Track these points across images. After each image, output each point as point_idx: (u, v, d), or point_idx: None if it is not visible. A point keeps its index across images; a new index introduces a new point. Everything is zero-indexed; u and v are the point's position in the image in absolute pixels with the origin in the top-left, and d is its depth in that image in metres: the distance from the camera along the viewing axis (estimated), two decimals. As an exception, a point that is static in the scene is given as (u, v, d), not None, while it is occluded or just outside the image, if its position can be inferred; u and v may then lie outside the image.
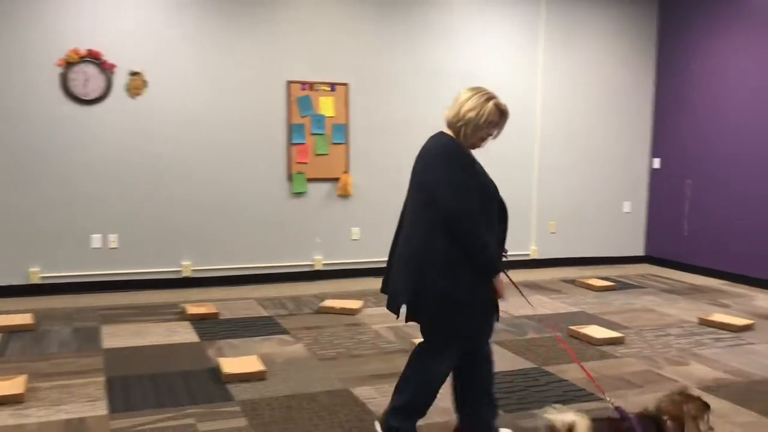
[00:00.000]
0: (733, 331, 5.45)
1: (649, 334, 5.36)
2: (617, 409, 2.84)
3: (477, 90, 3.04)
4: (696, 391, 2.95)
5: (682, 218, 8.12)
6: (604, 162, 8.35)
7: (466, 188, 2.92)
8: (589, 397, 3.99)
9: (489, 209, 3.01)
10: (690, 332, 5.42)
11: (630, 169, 8.49)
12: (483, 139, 3.08)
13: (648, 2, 8.34)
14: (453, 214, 2.88)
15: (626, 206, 8.52)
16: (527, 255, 8.06)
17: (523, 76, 7.84)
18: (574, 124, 8.16)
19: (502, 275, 3.01)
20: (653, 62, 8.43)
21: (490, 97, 3.01)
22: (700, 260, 7.86)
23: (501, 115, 3.04)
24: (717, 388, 4.16)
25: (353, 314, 5.80)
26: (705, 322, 5.66)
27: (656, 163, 8.47)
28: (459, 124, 3.01)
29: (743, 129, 7.33)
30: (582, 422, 2.62)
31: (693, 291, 7.01)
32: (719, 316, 5.72)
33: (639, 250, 8.65)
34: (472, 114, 2.98)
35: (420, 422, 3.58)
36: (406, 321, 3.13)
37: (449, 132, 3.08)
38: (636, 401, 3.94)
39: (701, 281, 7.50)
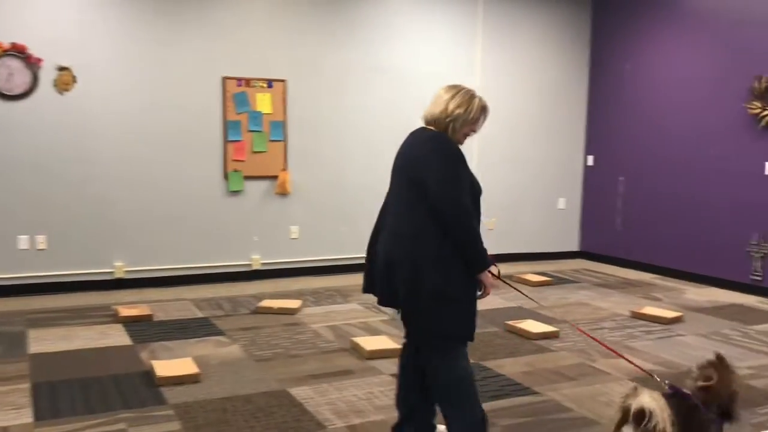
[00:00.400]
0: (663, 324, 5.61)
1: (584, 327, 5.46)
2: (671, 387, 2.91)
3: (458, 87, 3.06)
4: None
5: (615, 214, 8.32)
6: (540, 159, 8.49)
7: (460, 182, 2.89)
8: (524, 391, 4.03)
9: (478, 205, 3.01)
10: (622, 325, 5.55)
11: (565, 166, 8.66)
12: (466, 135, 3.07)
13: (582, 4, 8.51)
14: (448, 207, 2.84)
15: (561, 203, 8.68)
16: (466, 252, 8.12)
17: (461, 75, 7.87)
18: (510, 123, 8.27)
19: (487, 272, 2.99)
20: (587, 62, 8.62)
21: (474, 94, 3.05)
22: (633, 255, 8.07)
23: (482, 111, 3.06)
24: (647, 379, 4.27)
25: (292, 314, 5.74)
26: (637, 315, 5.81)
27: (590, 160, 8.65)
28: (447, 120, 2.99)
29: (671, 128, 7.56)
30: (659, 406, 2.64)
31: (626, 285, 7.19)
32: (650, 309, 5.88)
33: (574, 246, 8.83)
34: (460, 110, 2.98)
35: (357, 421, 3.57)
36: (402, 319, 3.08)
37: (431, 129, 3.04)
38: (569, 394, 4.01)
39: (634, 275, 7.70)
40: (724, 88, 6.97)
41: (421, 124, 3.12)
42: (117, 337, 5.00)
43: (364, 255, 3.22)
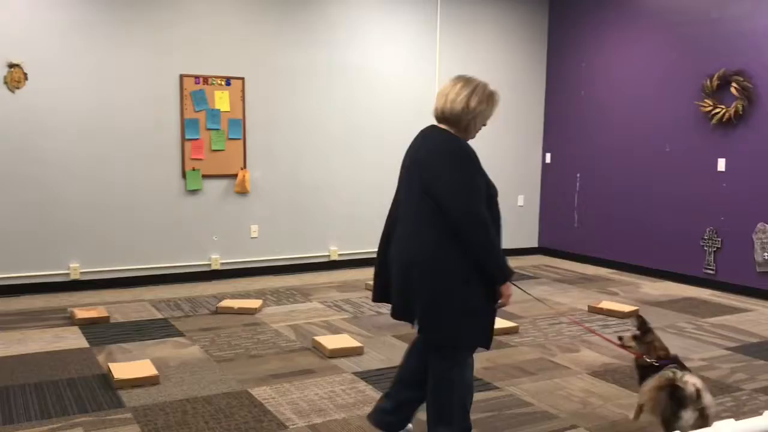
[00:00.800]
0: (620, 318, 5.71)
1: (543, 322, 5.54)
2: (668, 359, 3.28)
3: (473, 82, 2.94)
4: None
5: (572, 211, 8.44)
6: (499, 157, 8.55)
7: (477, 191, 2.80)
8: (485, 386, 4.07)
9: (495, 208, 2.92)
10: (580, 320, 5.63)
11: (523, 164, 8.75)
12: (479, 130, 3.02)
13: (539, 3, 8.60)
14: (463, 220, 2.75)
15: (520, 200, 8.78)
16: (427, 249, 8.14)
17: (421, 73, 7.91)
18: (469, 120, 8.32)
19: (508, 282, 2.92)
20: (544, 60, 8.72)
21: (491, 89, 2.96)
22: (590, 250, 8.20)
23: (497, 104, 3.00)
24: (604, 373, 4.35)
25: (252, 314, 5.69)
26: (594, 310, 5.91)
27: (548, 158, 8.76)
28: (469, 117, 2.90)
29: (626, 125, 7.69)
30: (703, 384, 3.00)
31: (583, 280, 7.30)
32: (607, 304, 5.98)
33: (533, 242, 8.93)
34: (483, 106, 2.91)
35: (319, 420, 3.57)
36: (419, 332, 2.97)
37: (443, 126, 2.95)
38: (529, 389, 4.05)
39: (591, 270, 7.82)
40: (677, 87, 7.12)
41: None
42: (73, 339, 4.91)
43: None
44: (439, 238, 2.81)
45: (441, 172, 2.82)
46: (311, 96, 7.35)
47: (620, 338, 3.52)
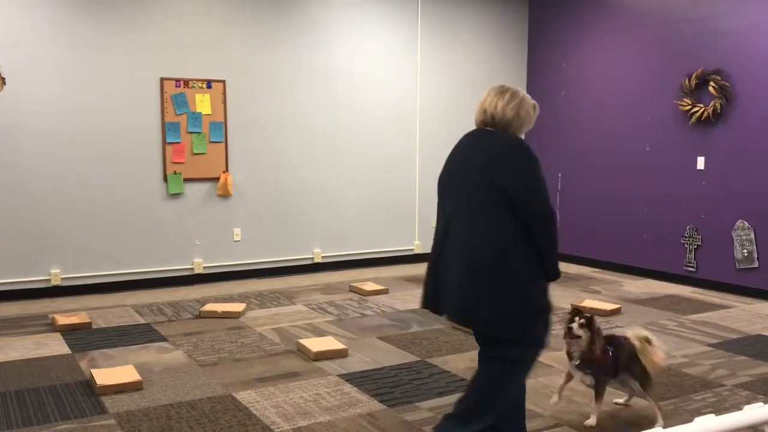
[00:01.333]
0: (602, 316, 5.74)
1: (527, 322, 5.55)
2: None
3: (517, 91, 3.04)
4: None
5: (555, 210, 8.47)
6: (481, 157, 8.58)
7: (546, 190, 2.90)
8: (470, 386, 4.08)
9: None
10: (564, 319, 5.65)
11: (506, 163, 8.76)
12: None
13: (519, 4, 8.64)
14: (542, 216, 2.83)
15: (503, 200, 8.80)
16: (411, 250, 8.17)
17: (403, 75, 7.92)
18: (450, 122, 8.33)
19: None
20: (525, 61, 8.76)
21: (530, 98, 3.07)
22: (572, 249, 8.24)
23: None
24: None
25: (236, 317, 5.67)
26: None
27: (530, 157, 8.79)
28: (517, 125, 3.00)
29: (607, 125, 7.75)
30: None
31: (566, 279, 7.33)
32: (590, 302, 6.01)
33: (516, 242, 8.95)
34: (528, 116, 3.04)
35: (304, 423, 3.55)
36: (480, 335, 2.97)
37: (493, 130, 3.02)
38: (514, 388, 4.06)
39: (574, 269, 7.86)
40: (657, 86, 7.19)
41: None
42: (54, 346, 4.86)
43: (428, 266, 3.07)
44: (511, 237, 2.81)
45: (521, 169, 2.89)
46: (293, 98, 7.33)
47: (570, 328, 3.50)
